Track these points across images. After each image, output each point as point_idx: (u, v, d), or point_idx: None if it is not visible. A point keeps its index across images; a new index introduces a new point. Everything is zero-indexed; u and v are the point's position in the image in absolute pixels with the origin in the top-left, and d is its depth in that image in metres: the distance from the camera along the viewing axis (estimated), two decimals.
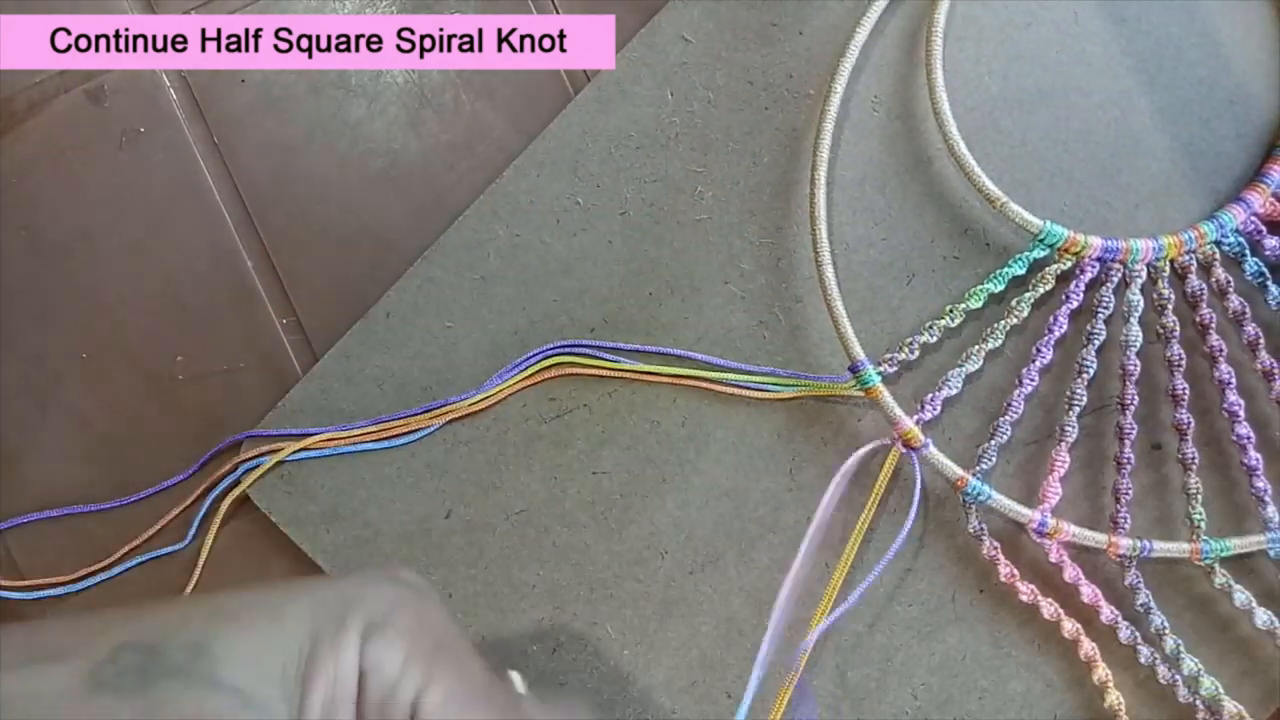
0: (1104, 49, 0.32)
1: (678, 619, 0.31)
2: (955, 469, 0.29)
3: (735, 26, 0.32)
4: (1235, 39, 0.31)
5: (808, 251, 0.31)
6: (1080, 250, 0.30)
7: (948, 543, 0.30)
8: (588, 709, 0.29)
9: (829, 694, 0.30)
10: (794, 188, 0.32)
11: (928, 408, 0.30)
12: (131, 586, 0.33)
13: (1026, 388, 0.30)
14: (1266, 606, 0.29)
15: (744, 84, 0.32)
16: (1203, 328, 0.29)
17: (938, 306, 0.31)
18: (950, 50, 0.31)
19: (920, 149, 0.32)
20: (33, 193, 0.33)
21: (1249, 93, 0.31)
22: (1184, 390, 0.29)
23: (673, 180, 0.32)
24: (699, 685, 0.31)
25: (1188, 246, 0.30)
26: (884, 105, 0.32)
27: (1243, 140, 0.31)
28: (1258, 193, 0.30)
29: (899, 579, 0.31)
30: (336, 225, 0.33)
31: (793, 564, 0.29)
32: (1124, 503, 0.29)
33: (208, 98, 0.33)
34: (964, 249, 0.31)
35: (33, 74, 0.33)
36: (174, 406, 0.33)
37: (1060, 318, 0.30)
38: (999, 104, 0.31)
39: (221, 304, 0.33)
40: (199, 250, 0.33)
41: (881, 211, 0.32)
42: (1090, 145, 0.31)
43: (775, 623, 0.28)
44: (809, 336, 0.31)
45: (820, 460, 0.31)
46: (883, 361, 0.30)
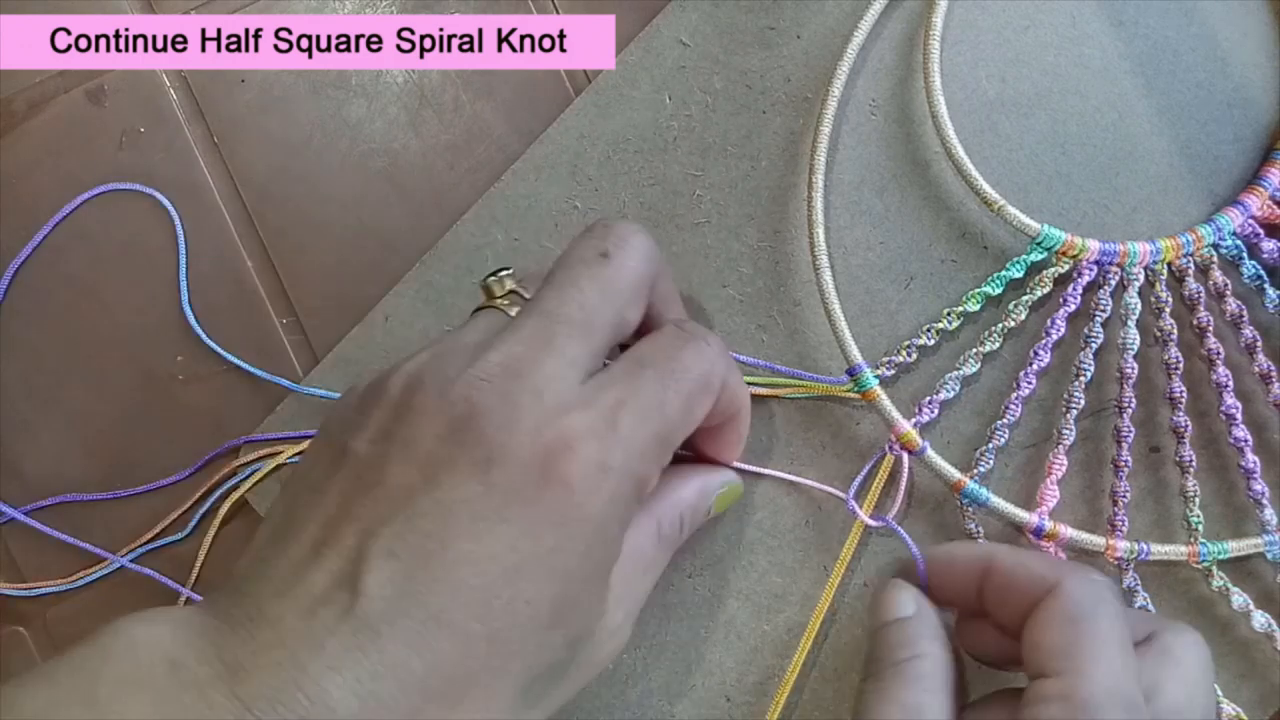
0: (1102, 52, 0.32)
1: (676, 622, 0.31)
2: (953, 472, 0.29)
3: (733, 30, 0.32)
4: (1234, 42, 0.31)
5: (806, 255, 0.31)
6: (1078, 253, 0.30)
7: None
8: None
9: (827, 697, 0.30)
10: (792, 191, 0.32)
11: (925, 410, 0.30)
12: (131, 587, 0.33)
13: (1024, 391, 0.30)
14: (1264, 609, 0.29)
15: (742, 88, 0.32)
16: (1200, 331, 0.30)
17: (936, 310, 0.31)
18: (948, 54, 0.32)
19: (918, 152, 0.32)
20: (33, 193, 0.33)
21: (1247, 96, 0.31)
22: (1182, 393, 0.29)
23: (671, 184, 0.32)
24: (697, 689, 0.31)
25: (1185, 250, 0.30)
26: (882, 109, 0.32)
27: (1241, 144, 0.31)
28: (1255, 196, 0.30)
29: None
30: (336, 225, 0.33)
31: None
32: (1121, 505, 0.29)
33: (208, 98, 0.33)
34: (962, 252, 0.31)
35: (33, 74, 0.33)
36: (174, 406, 0.33)
37: (1058, 321, 0.30)
38: (997, 107, 0.32)
39: (221, 304, 0.33)
40: (199, 250, 0.33)
41: (880, 215, 0.32)
42: (1088, 148, 0.31)
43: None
44: (807, 340, 0.31)
45: (818, 464, 0.31)
46: (880, 365, 0.30)
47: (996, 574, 0.25)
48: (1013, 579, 0.24)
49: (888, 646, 0.25)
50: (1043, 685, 0.22)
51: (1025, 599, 0.24)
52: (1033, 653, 0.23)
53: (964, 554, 0.26)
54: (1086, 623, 0.23)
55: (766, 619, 0.31)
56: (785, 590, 0.31)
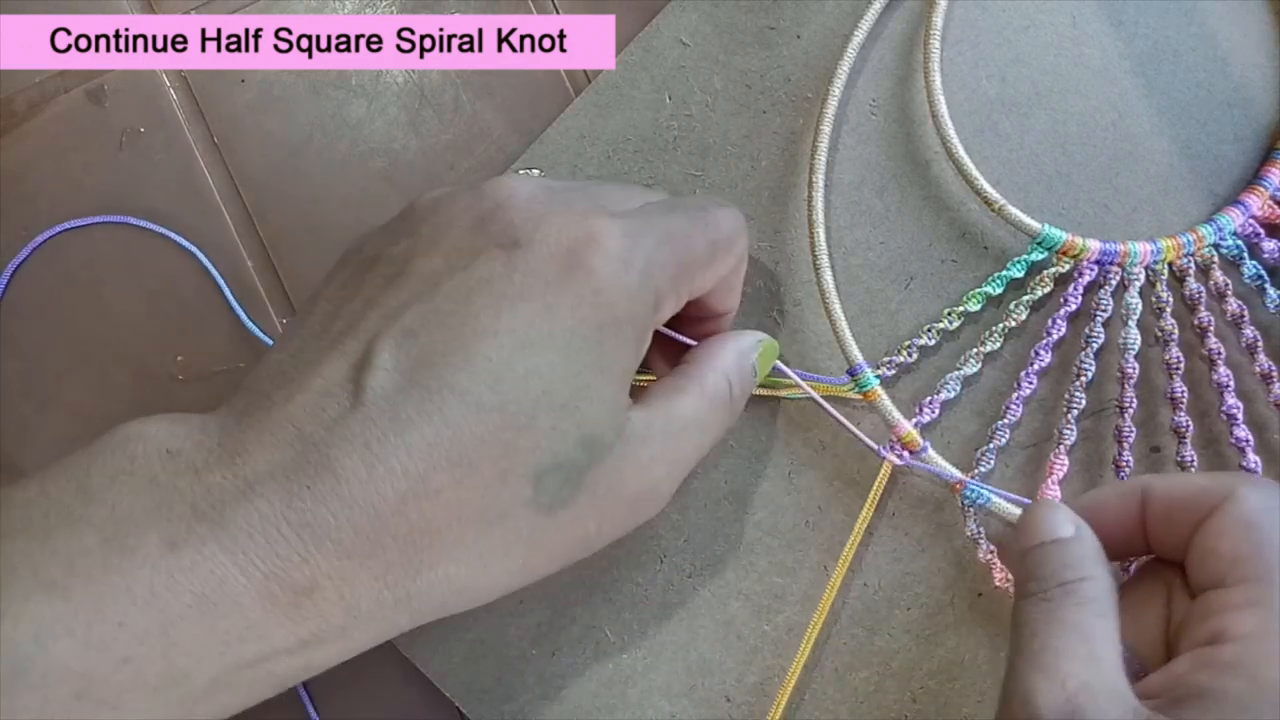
0: (1102, 52, 0.32)
1: (676, 622, 0.31)
2: (954, 472, 0.29)
3: (733, 30, 0.32)
4: (1234, 42, 0.31)
5: (806, 255, 0.31)
6: (1078, 253, 0.30)
7: (946, 546, 0.30)
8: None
9: (828, 697, 0.30)
10: (792, 191, 0.32)
11: (925, 410, 0.30)
12: None
13: (1025, 391, 0.30)
14: None
15: (742, 87, 0.32)
16: (1201, 330, 0.29)
17: (937, 310, 0.31)
18: (948, 54, 0.32)
19: (918, 152, 0.32)
20: (33, 193, 0.33)
21: (1248, 96, 0.31)
22: (1182, 393, 0.29)
23: (671, 183, 0.32)
24: (698, 689, 0.31)
25: (1186, 249, 0.30)
26: (882, 109, 0.32)
27: (1241, 143, 0.31)
28: (1256, 196, 0.30)
29: (898, 582, 0.30)
30: (336, 225, 0.33)
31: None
32: None
33: (208, 98, 0.34)
34: (962, 252, 0.31)
35: (33, 74, 0.33)
36: (174, 406, 0.33)
37: (1058, 320, 0.30)
38: (997, 107, 0.32)
39: (221, 304, 0.33)
40: (199, 250, 0.33)
41: (880, 215, 0.32)
42: (1088, 148, 0.31)
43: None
44: (807, 340, 0.31)
45: (818, 464, 0.31)
46: (881, 365, 0.30)
47: (1156, 499, 0.24)
48: (1178, 497, 0.23)
49: (1051, 567, 0.23)
50: (1223, 595, 0.21)
51: (1194, 514, 0.23)
52: (1207, 561, 0.22)
53: (1114, 490, 0.25)
54: (1269, 529, 0.21)
55: (767, 619, 0.31)
56: (785, 590, 0.31)
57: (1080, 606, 0.22)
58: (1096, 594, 0.22)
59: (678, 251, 0.24)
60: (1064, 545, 0.23)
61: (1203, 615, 0.22)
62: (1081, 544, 0.23)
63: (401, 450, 0.20)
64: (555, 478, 0.21)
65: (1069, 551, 0.23)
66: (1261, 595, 0.21)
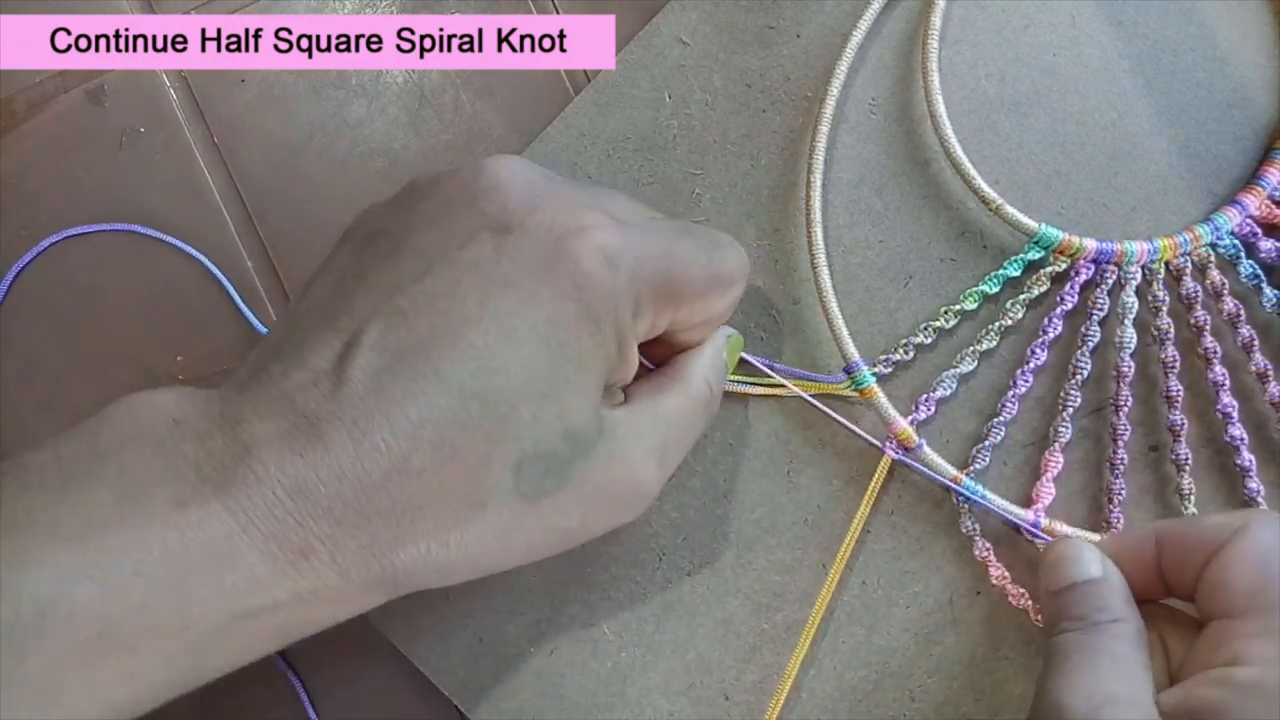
0: (1101, 52, 0.32)
1: (675, 620, 0.31)
2: (950, 469, 0.29)
3: (733, 29, 0.32)
4: (1233, 42, 0.31)
5: (804, 253, 0.31)
6: (1075, 252, 0.30)
7: (945, 544, 0.30)
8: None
9: (826, 695, 0.30)
10: (791, 190, 0.32)
11: (922, 408, 0.30)
12: None
13: (1021, 389, 0.30)
14: None
15: (741, 86, 0.32)
16: (1197, 329, 0.30)
17: (934, 308, 0.31)
18: (947, 53, 0.32)
19: (917, 151, 0.32)
20: (33, 193, 0.33)
21: (1246, 95, 0.31)
22: (1178, 392, 0.29)
23: (670, 182, 0.32)
24: (696, 687, 0.31)
25: (1183, 249, 0.30)
26: (881, 108, 0.32)
27: (1240, 143, 0.31)
28: (1253, 195, 0.30)
29: (896, 581, 0.31)
30: (336, 225, 0.33)
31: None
32: (1117, 503, 0.29)
33: (208, 98, 0.34)
34: (960, 251, 0.31)
35: (33, 74, 0.33)
36: None
37: (1055, 319, 0.30)
38: (996, 106, 0.32)
39: (221, 304, 0.33)
40: (199, 250, 0.33)
41: (878, 214, 0.32)
42: (1087, 148, 0.31)
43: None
44: (806, 338, 0.31)
45: (817, 463, 0.31)
46: (878, 363, 0.31)
47: (1170, 540, 0.25)
48: (1190, 536, 0.24)
49: (1084, 609, 0.24)
50: (1235, 624, 0.22)
51: (1205, 551, 0.24)
52: (1218, 593, 0.23)
53: (1129, 536, 0.26)
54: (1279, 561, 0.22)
55: (765, 617, 0.31)
56: (784, 588, 0.31)
57: (1116, 639, 0.23)
58: (1129, 633, 0.24)
59: (674, 271, 0.24)
60: (1095, 587, 0.25)
61: (1214, 643, 0.22)
62: (1110, 585, 0.25)
63: (386, 429, 0.20)
64: (537, 467, 0.22)
65: (1100, 594, 0.25)
66: (1275, 625, 0.22)
